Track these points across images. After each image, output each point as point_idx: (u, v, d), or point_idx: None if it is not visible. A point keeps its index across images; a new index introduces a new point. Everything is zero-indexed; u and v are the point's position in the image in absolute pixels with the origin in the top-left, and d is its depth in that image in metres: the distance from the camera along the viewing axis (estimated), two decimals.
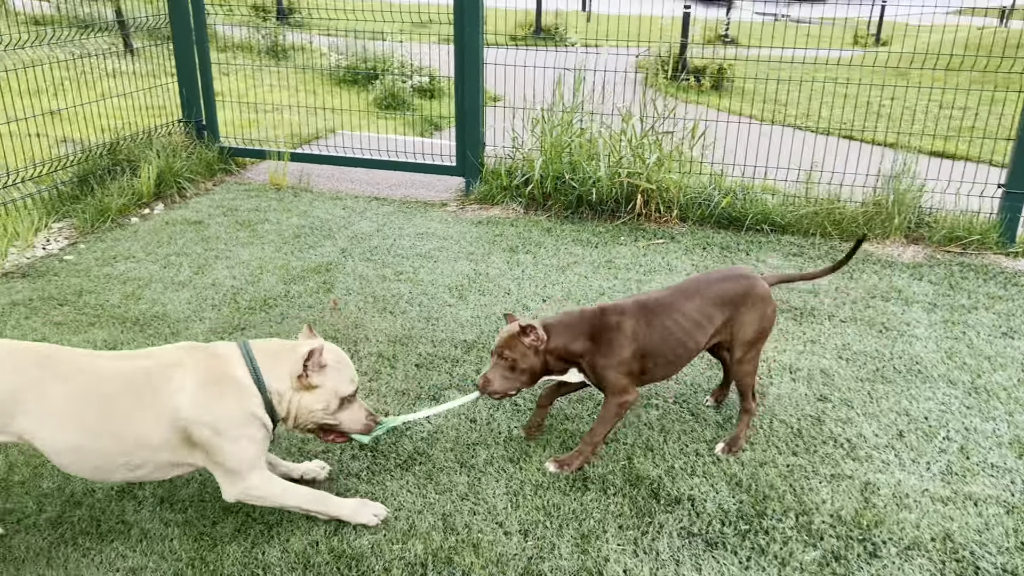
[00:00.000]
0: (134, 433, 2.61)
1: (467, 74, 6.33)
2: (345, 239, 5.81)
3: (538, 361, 3.10)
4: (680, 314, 3.20)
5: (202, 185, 7.00)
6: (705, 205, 6.06)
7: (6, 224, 5.61)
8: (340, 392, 2.83)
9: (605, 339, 3.12)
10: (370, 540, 2.88)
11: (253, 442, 2.73)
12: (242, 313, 4.64)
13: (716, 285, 3.30)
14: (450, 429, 3.56)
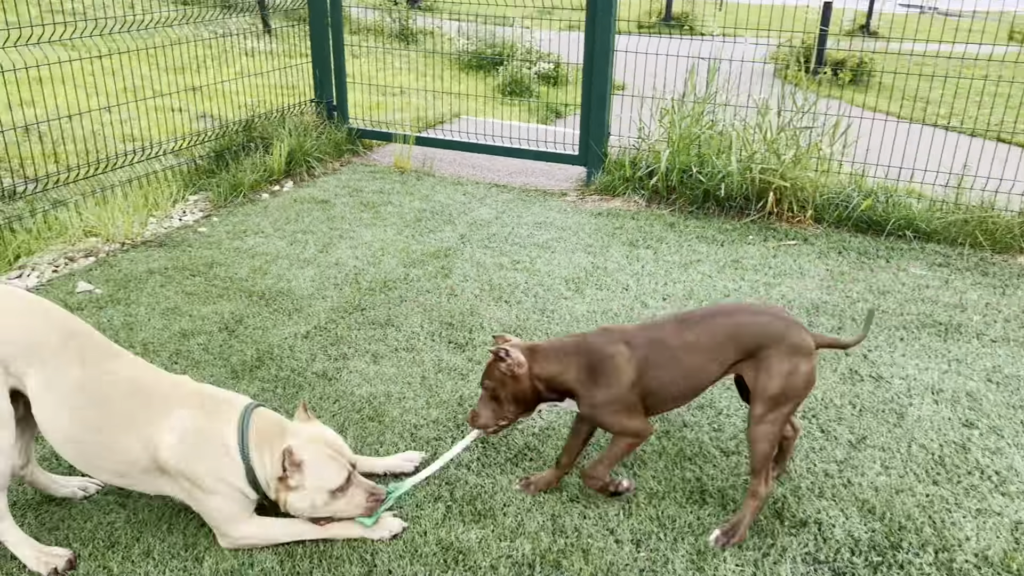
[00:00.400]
0: (122, 448, 2.63)
1: (596, 61, 6.19)
2: (464, 225, 5.80)
3: (524, 387, 2.79)
4: (687, 343, 2.78)
5: (330, 165, 7.16)
6: (843, 206, 5.72)
7: (147, 194, 5.88)
8: (327, 487, 2.70)
9: (602, 374, 2.75)
10: (478, 535, 2.83)
11: (230, 501, 2.69)
12: (362, 294, 4.69)
13: (737, 316, 2.82)
14: (562, 427, 3.47)
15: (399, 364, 3.95)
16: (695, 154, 6.04)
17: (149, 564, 2.70)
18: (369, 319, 4.39)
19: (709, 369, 2.79)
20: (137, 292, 4.66)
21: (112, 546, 2.78)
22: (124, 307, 4.48)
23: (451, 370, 3.90)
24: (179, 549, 2.77)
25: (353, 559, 2.73)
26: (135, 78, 6.29)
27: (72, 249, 5.22)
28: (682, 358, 2.78)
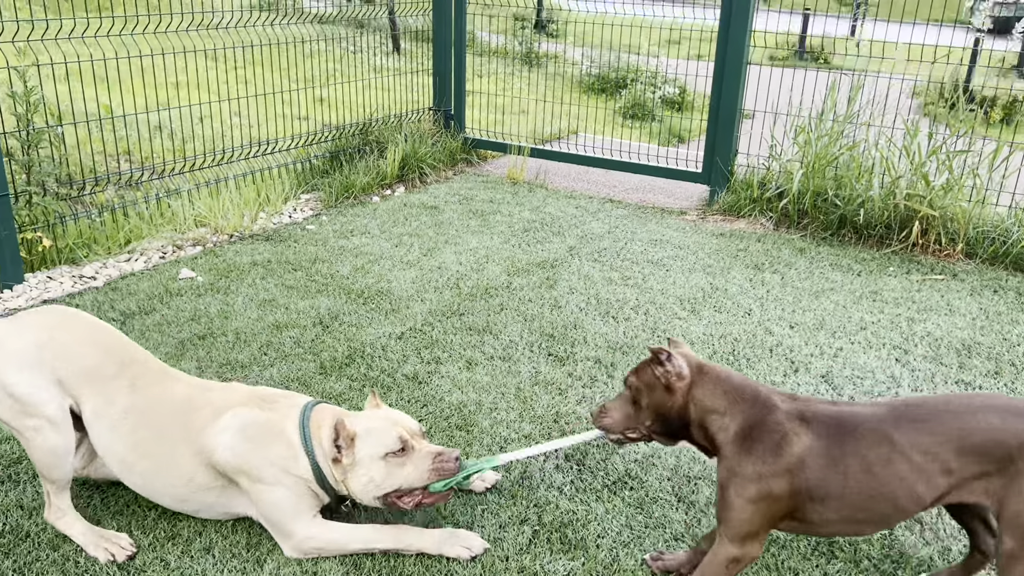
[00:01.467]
0: (176, 466, 2.54)
1: (727, 70, 5.80)
2: (574, 237, 5.50)
3: (675, 405, 2.23)
4: (893, 447, 2.05)
5: (442, 173, 7.02)
6: (1000, 241, 5.09)
7: (260, 190, 5.87)
8: (378, 454, 2.47)
9: (756, 443, 2.11)
10: (566, 566, 2.49)
11: (294, 493, 2.50)
12: (462, 299, 4.45)
13: (972, 418, 2.03)
14: (669, 456, 3.09)
15: (494, 373, 3.67)
16: (831, 176, 5.55)
17: (208, 561, 2.49)
18: (467, 324, 4.14)
19: (920, 492, 2.05)
20: (237, 282, 4.58)
21: (173, 538, 2.60)
22: (223, 296, 4.40)
23: (548, 384, 3.58)
24: (240, 549, 2.56)
25: None
26: (266, 86, 6.34)
27: (181, 237, 5.22)
28: (880, 465, 2.05)
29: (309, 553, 2.51)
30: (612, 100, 12.68)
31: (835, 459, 2.07)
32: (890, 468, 2.04)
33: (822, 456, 2.07)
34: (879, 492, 2.06)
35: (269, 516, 2.53)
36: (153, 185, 5.55)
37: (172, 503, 2.63)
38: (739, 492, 2.11)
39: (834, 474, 2.07)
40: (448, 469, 2.51)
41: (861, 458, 2.06)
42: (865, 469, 2.05)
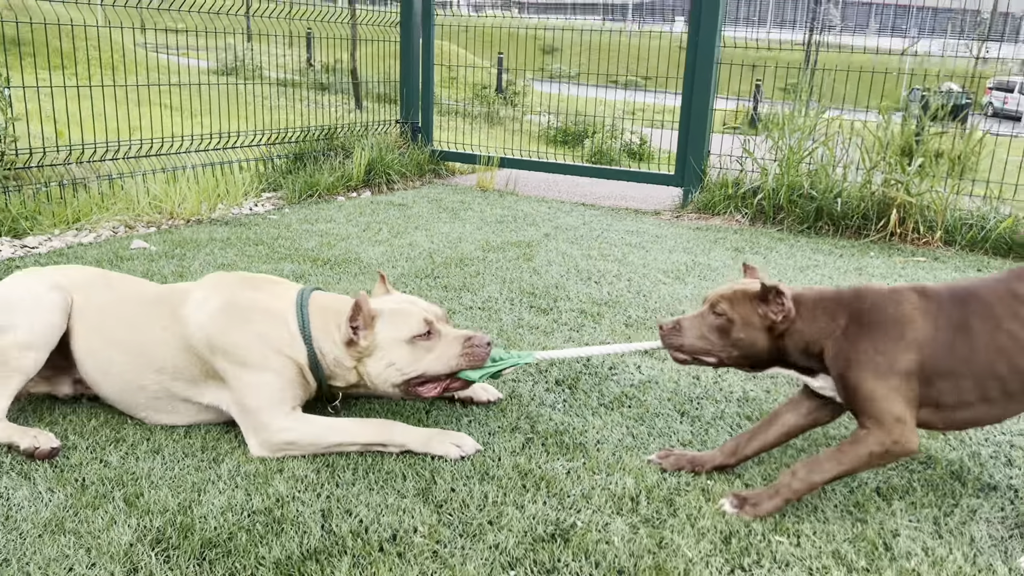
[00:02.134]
0: (151, 355, 2.32)
1: (698, 69, 5.79)
2: (549, 227, 5.33)
3: (765, 342, 2.04)
4: (1017, 299, 1.90)
5: (410, 182, 6.85)
6: (978, 227, 5.05)
7: (220, 181, 5.61)
8: (402, 336, 2.23)
9: (879, 326, 1.93)
10: (566, 465, 2.22)
11: (281, 378, 2.24)
12: (436, 266, 4.21)
13: None
14: (666, 381, 2.85)
15: (474, 319, 3.42)
16: (806, 171, 5.50)
17: (155, 461, 2.17)
18: (442, 284, 3.90)
19: None
20: (193, 252, 4.29)
21: (115, 442, 2.27)
22: (177, 261, 4.10)
23: (533, 328, 3.34)
24: (195, 450, 2.24)
25: (408, 473, 2.14)
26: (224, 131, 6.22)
27: (135, 218, 4.92)
28: (1006, 322, 1.87)
29: (279, 449, 2.19)
30: (575, 151, 12.77)
31: (958, 324, 1.90)
32: (1019, 320, 1.86)
33: (944, 321, 1.91)
34: (1013, 350, 1.86)
35: (245, 403, 2.22)
36: (107, 165, 5.27)
37: (145, 403, 2.35)
38: (871, 377, 1.90)
39: (961, 339, 1.89)
40: (479, 355, 2.29)
41: (988, 317, 1.89)
42: (994, 327, 1.88)
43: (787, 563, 1.84)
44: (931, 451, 2.41)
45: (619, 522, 1.96)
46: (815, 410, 2.14)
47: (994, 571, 1.84)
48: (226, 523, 1.88)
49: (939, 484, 2.22)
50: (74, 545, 1.78)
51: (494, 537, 1.88)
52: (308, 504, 1.98)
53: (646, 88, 13.17)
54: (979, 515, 2.07)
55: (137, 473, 2.09)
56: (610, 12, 18.76)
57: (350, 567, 1.75)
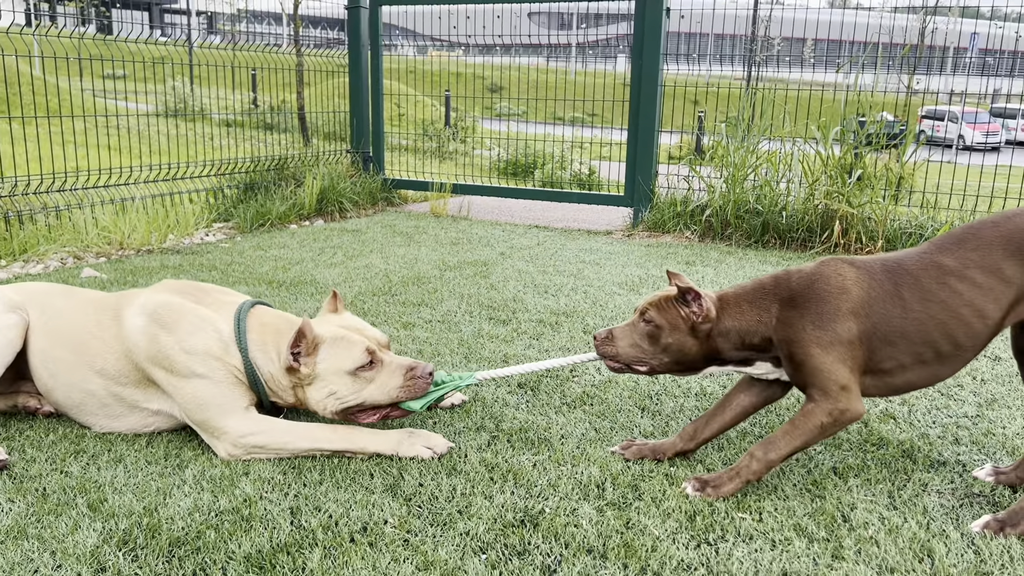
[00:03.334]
0: (93, 355, 2.32)
1: (643, 88, 5.95)
2: (504, 247, 5.39)
3: (694, 344, 2.10)
4: (942, 268, 1.98)
5: (363, 210, 6.87)
6: (917, 235, 5.25)
7: (169, 212, 5.57)
8: (344, 368, 2.21)
9: (813, 303, 2.00)
10: (532, 459, 2.25)
11: (219, 384, 2.22)
12: (393, 284, 4.23)
13: (1009, 222, 1.98)
14: (626, 380, 2.91)
15: (433, 332, 3.44)
16: (751, 187, 5.68)
17: (118, 469, 2.14)
18: (400, 300, 3.92)
19: (983, 307, 1.94)
20: (146, 279, 4.25)
21: (76, 454, 2.23)
22: (130, 287, 4.05)
23: (493, 337, 3.38)
24: (158, 457, 2.21)
25: (375, 472, 2.15)
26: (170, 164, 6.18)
27: (83, 250, 4.85)
28: (936, 288, 1.96)
29: (249, 452, 2.18)
30: (524, 182, 12.92)
31: (891, 294, 1.98)
32: (947, 289, 1.96)
33: (878, 292, 1.99)
34: (944, 317, 1.95)
35: (194, 415, 2.22)
36: (53, 197, 5.19)
37: (95, 409, 2.33)
38: (815, 352, 1.97)
39: (894, 308, 1.97)
40: (420, 386, 2.26)
41: (915, 288, 1.97)
42: (923, 297, 1.97)
43: (751, 537, 1.89)
44: (882, 433, 2.50)
45: (586, 507, 1.99)
46: (766, 388, 2.22)
47: (947, 536, 1.91)
48: (193, 523, 1.86)
49: (891, 462, 2.30)
50: (38, 549, 1.75)
51: (464, 525, 1.89)
52: (276, 503, 1.97)
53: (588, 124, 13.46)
54: (930, 488, 2.16)
55: (100, 481, 2.06)
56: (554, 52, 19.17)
57: (322, 557, 1.74)
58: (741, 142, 5.77)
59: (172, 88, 13.05)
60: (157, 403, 2.28)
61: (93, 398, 2.32)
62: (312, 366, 2.21)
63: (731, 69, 13.31)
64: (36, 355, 2.39)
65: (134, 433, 2.35)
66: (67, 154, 5.49)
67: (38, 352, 2.39)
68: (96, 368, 2.31)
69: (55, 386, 2.37)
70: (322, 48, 12.59)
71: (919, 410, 2.71)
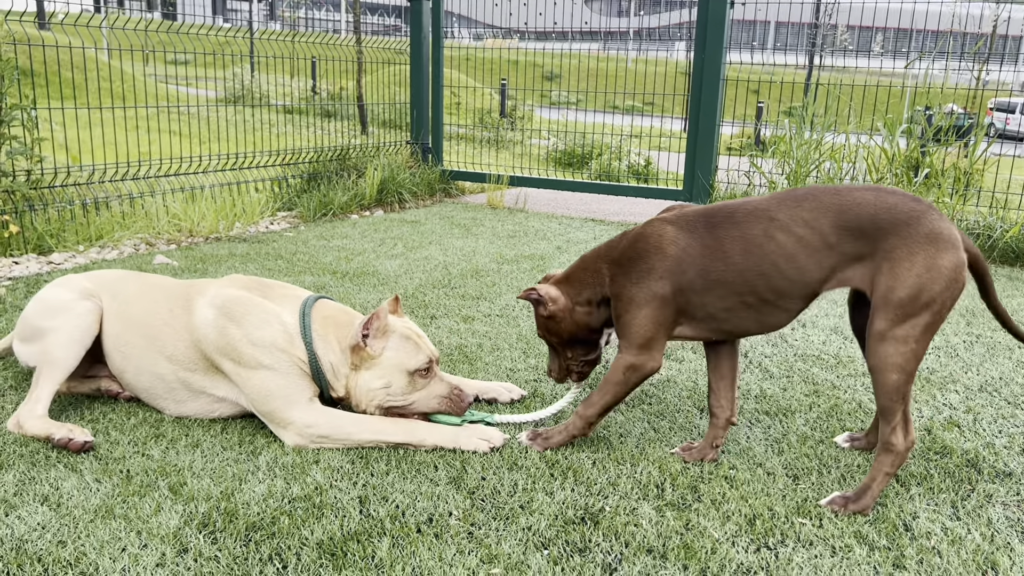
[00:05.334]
0: (163, 341, 2.42)
1: (705, 81, 5.91)
2: (560, 241, 5.42)
3: (570, 323, 2.31)
4: (773, 222, 2.03)
5: (422, 201, 6.97)
6: (985, 236, 5.13)
7: (236, 201, 5.72)
8: (406, 366, 2.31)
9: (633, 262, 2.14)
10: (592, 457, 2.29)
11: (285, 376, 2.30)
12: (452, 276, 4.30)
13: (849, 195, 2.02)
14: (684, 380, 2.93)
15: (492, 325, 3.50)
16: (814, 183, 5.60)
17: (196, 454, 2.24)
18: (459, 294, 3.98)
19: (804, 265, 2.02)
20: (215, 266, 4.39)
21: (156, 438, 2.34)
22: (200, 275, 4.19)
23: None
24: (232, 444, 2.31)
25: (439, 464, 2.21)
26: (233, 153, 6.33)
27: (155, 236, 5.03)
28: (761, 241, 2.04)
29: (314, 441, 2.27)
30: (581, 172, 12.91)
31: (711, 248, 2.09)
32: (773, 242, 2.05)
33: (697, 247, 2.10)
34: (765, 267, 2.06)
35: (261, 405, 2.31)
36: (127, 185, 5.38)
37: (164, 393, 2.44)
38: (628, 307, 2.16)
39: (714, 261, 2.08)
40: (460, 407, 2.40)
41: (740, 239, 2.07)
42: (745, 249, 2.06)
43: (811, 542, 1.90)
44: (946, 442, 2.47)
45: (646, 507, 2.03)
46: (719, 345, 2.30)
47: (1012, 548, 1.90)
48: (268, 508, 1.95)
49: (955, 471, 2.29)
50: (125, 529, 1.85)
51: (526, 520, 1.94)
52: (345, 492, 2.05)
53: (645, 113, 13.35)
54: (995, 499, 2.14)
55: (179, 465, 2.16)
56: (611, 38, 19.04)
57: (390, 547, 1.81)
58: (804, 136, 5.69)
59: (234, 75, 13.34)
60: (223, 390, 2.38)
61: (162, 382, 2.43)
62: (378, 350, 2.31)
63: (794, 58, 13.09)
64: (110, 339, 2.51)
65: (201, 418, 2.45)
66: (134, 140, 5.67)
67: (112, 336, 2.51)
68: (166, 354, 2.41)
69: (126, 368, 2.48)
70: (380, 35, 12.76)
71: (984, 419, 2.68)
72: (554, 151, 13.64)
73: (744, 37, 17.34)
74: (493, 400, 2.66)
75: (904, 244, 1.95)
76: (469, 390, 2.64)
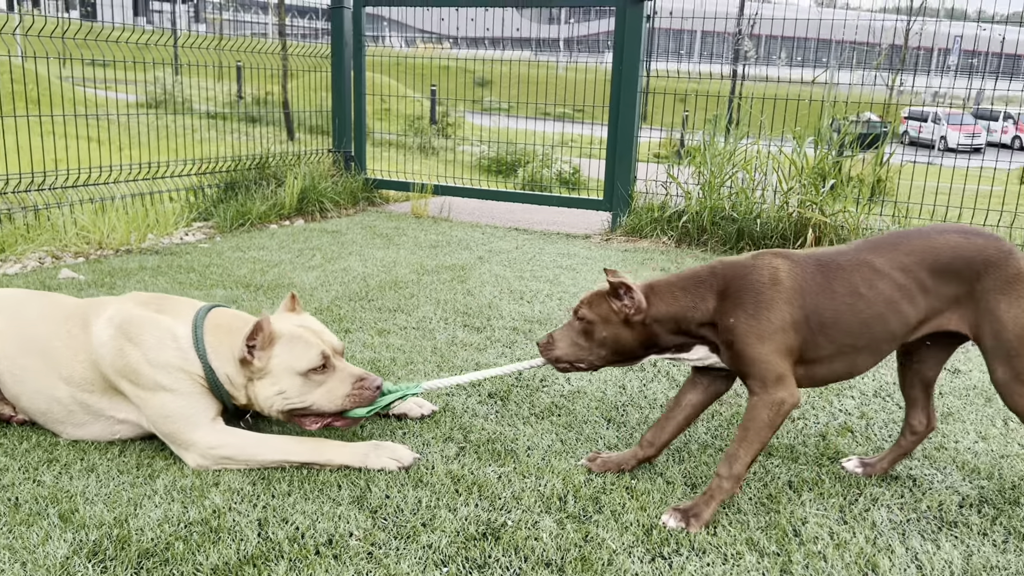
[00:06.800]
0: (59, 361, 2.36)
1: (623, 95, 6.02)
2: (482, 251, 5.45)
3: (629, 334, 2.16)
4: (874, 270, 2.10)
5: (344, 210, 6.90)
6: None
7: (149, 211, 5.58)
8: (296, 368, 2.27)
9: (748, 293, 2.08)
10: (497, 471, 2.31)
11: (187, 397, 2.26)
12: (370, 288, 4.28)
13: (940, 237, 2.12)
14: (594, 391, 2.98)
15: (408, 339, 3.49)
16: (727, 194, 5.76)
17: (90, 479, 2.18)
18: (376, 306, 3.97)
19: (902, 308, 2.08)
20: (124, 280, 4.27)
21: (49, 462, 2.27)
22: (107, 289, 4.08)
23: (467, 345, 3.43)
24: (130, 467, 2.26)
25: (343, 483, 2.20)
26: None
27: (61, 249, 4.87)
28: (866, 287, 2.08)
29: (218, 463, 2.23)
30: (509, 180, 12.97)
31: (823, 286, 2.08)
32: (875, 288, 2.08)
33: (811, 283, 2.08)
34: (869, 313, 2.08)
35: (162, 427, 2.27)
36: (31, 196, 5.20)
37: (62, 416, 2.37)
38: (750, 342, 2.05)
39: (826, 300, 2.07)
40: (366, 397, 2.34)
41: (847, 282, 2.08)
42: (852, 291, 2.07)
43: (704, 551, 1.96)
44: (839, 447, 2.58)
45: (548, 520, 2.06)
46: (711, 383, 2.29)
47: (892, 551, 1.99)
48: (163, 534, 1.91)
49: (845, 477, 2.38)
50: (8, 560, 1.79)
51: (427, 538, 1.95)
52: (245, 514, 2.02)
53: (576, 120, 13.48)
54: (880, 502, 2.24)
55: (72, 491, 2.10)
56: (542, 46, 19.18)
57: (287, 570, 1.80)
58: (718, 148, 5.85)
59: (156, 79, 12.97)
60: (124, 412, 2.33)
61: (59, 405, 2.36)
62: (265, 360, 2.26)
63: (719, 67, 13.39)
64: (4, 361, 2.42)
65: (100, 441, 2.39)
66: (47, 147, 5.48)
67: (5, 358, 2.42)
68: (63, 376, 2.34)
69: (22, 392, 2.40)
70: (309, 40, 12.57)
71: (876, 423, 2.79)
72: (483, 159, 13.69)
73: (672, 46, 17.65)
74: (403, 416, 2.66)
75: (997, 286, 2.06)
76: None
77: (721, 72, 12.94)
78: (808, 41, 12.66)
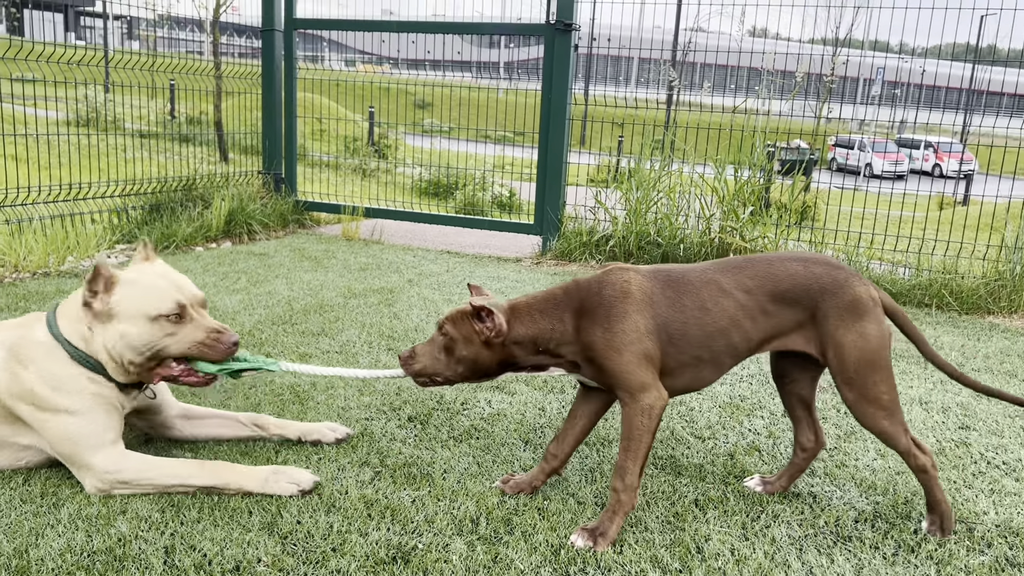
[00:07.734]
0: None
1: (552, 121, 6.13)
2: (412, 274, 5.46)
3: (488, 354, 2.21)
4: (720, 289, 2.20)
5: (273, 232, 6.84)
6: None
7: (70, 233, 5.45)
8: (146, 312, 2.21)
9: (601, 308, 2.15)
10: (412, 495, 2.33)
11: (82, 418, 2.23)
12: (294, 312, 4.26)
13: (781, 265, 2.24)
14: (514, 413, 3.02)
15: (329, 363, 3.49)
16: (652, 219, 5.90)
17: None
18: (299, 330, 3.95)
19: (745, 326, 2.19)
20: (40, 303, 4.17)
21: None
22: (23, 313, 3.97)
23: (391, 368, 3.44)
24: (34, 496, 2.21)
25: (254, 509, 2.19)
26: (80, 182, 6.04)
27: None
28: (710, 304, 2.18)
29: (116, 488, 2.20)
30: (446, 202, 13.01)
31: (673, 300, 2.18)
32: (720, 305, 2.18)
33: (660, 296, 2.17)
34: (715, 328, 2.18)
35: (59, 448, 2.23)
36: None
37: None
38: (611, 353, 2.12)
39: (676, 312, 2.16)
40: (219, 350, 2.28)
41: (696, 297, 2.18)
42: (700, 306, 2.17)
43: (609, 569, 2.01)
44: (746, 466, 2.67)
45: (459, 542, 2.09)
46: (602, 394, 2.35)
47: (788, 565, 2.08)
48: (64, 564, 1.88)
49: (749, 495, 2.47)
50: None
51: (336, 563, 1.96)
52: (151, 542, 2.00)
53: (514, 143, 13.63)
54: (781, 519, 2.33)
55: None
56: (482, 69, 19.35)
57: None
58: (644, 174, 6.00)
59: (85, 96, 12.67)
60: (27, 438, 2.28)
61: None
62: (107, 303, 2.22)
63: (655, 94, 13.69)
64: None
65: (7, 469, 2.33)
66: None
67: None
68: None
69: None
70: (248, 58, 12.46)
71: (783, 442, 2.90)
72: (420, 181, 13.71)
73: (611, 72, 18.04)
74: (317, 442, 2.65)
75: (835, 312, 2.18)
76: (291, 433, 2.63)
77: (656, 99, 13.23)
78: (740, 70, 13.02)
